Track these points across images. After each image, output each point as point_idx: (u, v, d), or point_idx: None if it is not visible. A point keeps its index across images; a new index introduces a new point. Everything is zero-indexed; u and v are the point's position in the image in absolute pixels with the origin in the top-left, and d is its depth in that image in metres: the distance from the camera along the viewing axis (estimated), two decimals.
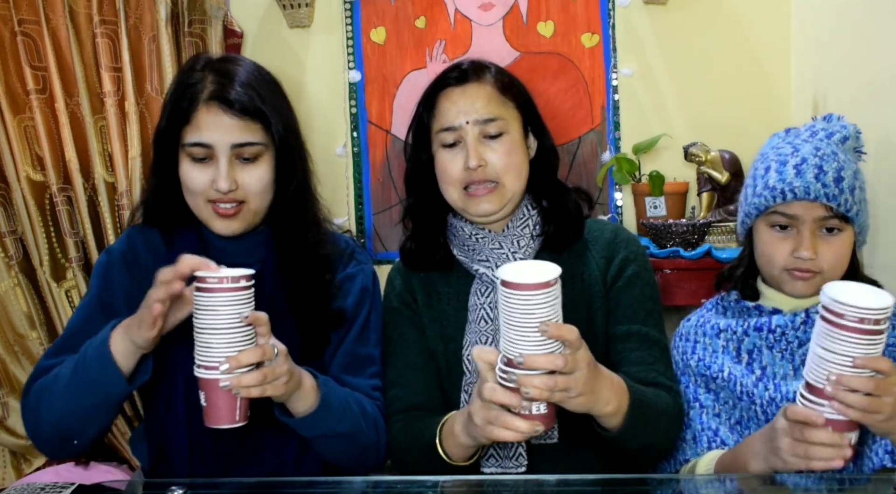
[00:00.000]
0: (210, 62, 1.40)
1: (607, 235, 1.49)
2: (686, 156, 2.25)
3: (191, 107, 1.34)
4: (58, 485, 1.25)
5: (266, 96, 1.37)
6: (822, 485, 1.22)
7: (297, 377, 1.24)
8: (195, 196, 1.37)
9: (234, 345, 1.15)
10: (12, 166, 2.23)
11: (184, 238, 1.43)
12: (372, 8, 2.44)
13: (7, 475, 2.31)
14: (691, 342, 1.45)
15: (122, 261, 1.44)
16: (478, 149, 1.41)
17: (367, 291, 1.50)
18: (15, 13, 2.20)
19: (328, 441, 1.34)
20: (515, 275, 1.08)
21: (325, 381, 1.32)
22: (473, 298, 1.44)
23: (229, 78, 1.35)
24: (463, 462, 1.30)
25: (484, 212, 1.43)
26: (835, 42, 2.02)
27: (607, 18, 2.38)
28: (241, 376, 1.14)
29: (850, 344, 1.07)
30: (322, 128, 2.46)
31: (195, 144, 1.34)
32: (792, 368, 1.34)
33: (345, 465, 1.42)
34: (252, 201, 1.38)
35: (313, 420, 1.29)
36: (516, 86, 1.49)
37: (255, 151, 1.36)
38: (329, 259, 1.45)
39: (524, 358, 1.08)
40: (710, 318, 1.46)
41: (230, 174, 1.34)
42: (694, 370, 1.42)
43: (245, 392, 1.15)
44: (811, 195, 1.29)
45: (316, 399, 1.28)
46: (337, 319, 1.44)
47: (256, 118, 1.35)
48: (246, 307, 1.16)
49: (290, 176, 1.41)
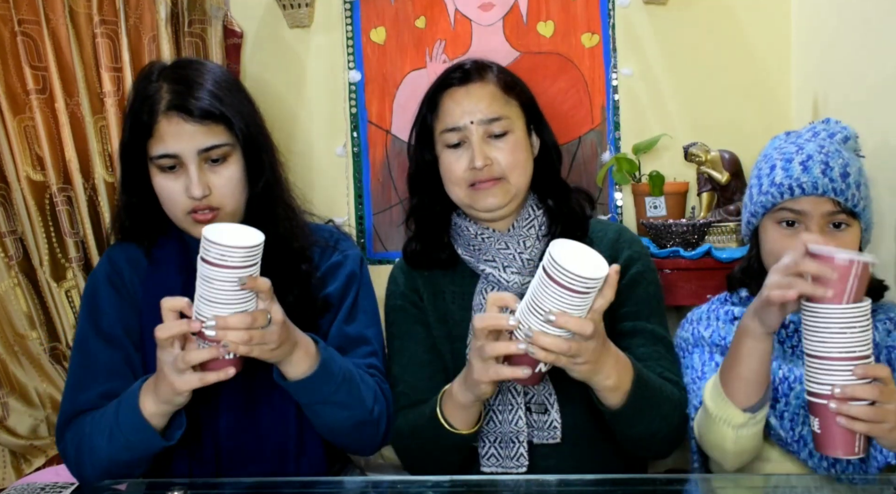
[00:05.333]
0: (164, 70, 1.40)
1: (611, 235, 1.49)
2: (686, 156, 2.25)
3: (151, 119, 1.34)
4: (58, 485, 1.25)
5: (224, 97, 1.37)
6: (825, 484, 1.22)
7: (291, 343, 1.25)
8: (174, 208, 1.38)
9: (229, 305, 1.16)
10: (12, 166, 2.23)
11: (164, 249, 1.45)
12: (372, 8, 2.44)
13: (7, 475, 2.31)
14: (704, 321, 1.46)
15: (107, 282, 1.44)
16: (483, 149, 1.41)
17: (355, 275, 1.50)
18: (15, 13, 2.19)
19: (327, 409, 1.33)
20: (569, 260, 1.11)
21: (325, 347, 1.33)
22: (478, 297, 1.45)
23: (186, 84, 1.36)
24: (466, 429, 1.30)
25: (490, 206, 1.43)
26: (835, 42, 2.02)
27: (607, 18, 2.38)
28: (227, 332, 1.15)
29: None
30: (322, 128, 2.46)
31: (162, 155, 1.35)
32: (803, 363, 1.34)
33: (344, 443, 1.42)
34: (226, 204, 1.38)
35: (310, 385, 1.29)
36: (519, 85, 1.49)
37: (222, 153, 1.37)
38: (304, 251, 1.45)
39: (556, 316, 1.10)
40: (718, 308, 1.47)
41: (202, 180, 1.35)
42: (707, 341, 1.42)
43: (233, 348, 1.17)
44: (819, 190, 1.30)
45: (313, 365, 1.29)
46: (323, 306, 1.44)
47: (218, 120, 1.35)
48: (248, 272, 1.16)
49: (259, 172, 1.41)
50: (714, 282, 1.92)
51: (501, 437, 1.37)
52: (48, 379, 2.31)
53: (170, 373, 1.18)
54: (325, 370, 1.30)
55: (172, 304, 1.19)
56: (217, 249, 1.14)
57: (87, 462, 1.31)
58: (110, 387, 1.36)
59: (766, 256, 1.39)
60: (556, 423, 1.38)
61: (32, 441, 2.30)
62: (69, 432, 1.35)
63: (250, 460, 1.40)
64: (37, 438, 2.31)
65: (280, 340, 1.21)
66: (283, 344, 1.23)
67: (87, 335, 1.41)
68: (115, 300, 1.43)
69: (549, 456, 1.39)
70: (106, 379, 1.37)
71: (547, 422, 1.38)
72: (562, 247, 1.13)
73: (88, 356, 1.40)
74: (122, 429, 1.25)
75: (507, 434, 1.37)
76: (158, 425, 1.26)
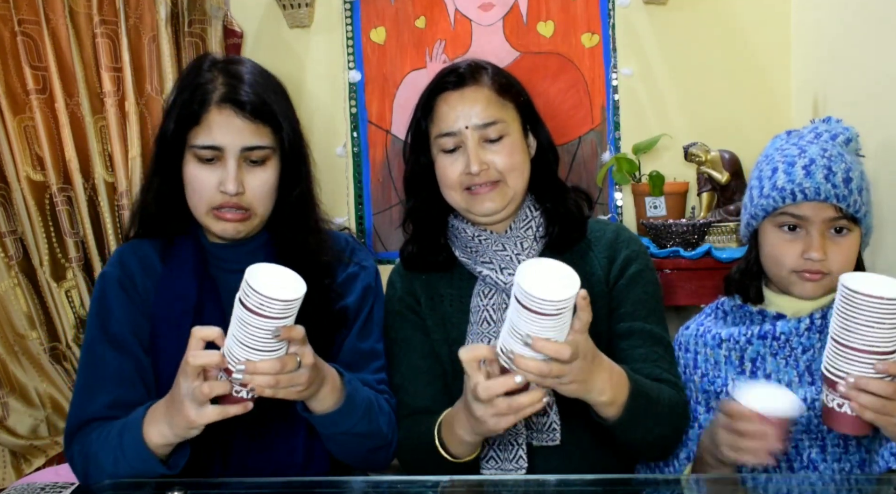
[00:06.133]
0: (217, 62, 1.38)
1: (609, 234, 1.48)
2: (686, 156, 2.25)
3: (202, 108, 1.32)
4: (58, 485, 1.25)
5: (275, 100, 1.36)
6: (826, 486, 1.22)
7: (319, 382, 1.22)
8: (200, 201, 1.35)
9: (261, 352, 1.12)
10: (12, 166, 2.23)
11: (180, 249, 1.41)
12: (372, 8, 2.44)
13: (7, 475, 2.31)
14: (692, 352, 1.44)
15: (117, 285, 1.40)
16: (479, 153, 1.40)
17: (371, 288, 1.49)
18: (15, 13, 2.20)
19: (346, 439, 1.33)
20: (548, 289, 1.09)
21: (350, 380, 1.31)
22: (476, 299, 1.44)
23: (240, 79, 1.34)
24: (465, 457, 1.30)
25: (487, 211, 1.43)
26: (835, 42, 2.02)
27: (607, 18, 2.38)
28: (255, 377, 1.12)
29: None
30: (322, 128, 2.46)
31: (206, 146, 1.32)
32: (797, 374, 1.33)
33: (355, 463, 1.42)
34: (256, 207, 1.36)
35: (335, 419, 1.28)
36: (514, 86, 1.48)
37: (264, 155, 1.35)
38: (330, 265, 1.44)
39: (533, 341, 1.09)
40: (709, 326, 1.45)
41: (238, 177, 1.32)
42: (697, 386, 1.41)
43: (259, 391, 1.13)
44: (821, 196, 1.29)
45: (339, 400, 1.27)
46: (339, 320, 1.43)
47: (267, 122, 1.34)
48: (285, 323, 1.12)
49: (294, 181, 1.40)
50: (714, 282, 1.92)
51: (500, 439, 1.37)
52: (48, 379, 2.31)
53: (188, 404, 1.14)
54: (350, 404, 1.29)
55: (205, 333, 1.14)
56: (257, 297, 1.08)
57: (93, 475, 1.30)
58: (117, 396, 1.34)
59: (765, 259, 1.39)
60: (555, 425, 1.37)
61: (32, 441, 2.30)
62: (76, 443, 1.34)
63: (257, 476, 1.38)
64: (37, 438, 2.31)
65: (309, 382, 1.19)
66: (312, 385, 1.21)
67: (94, 339, 1.39)
68: (125, 303, 1.39)
69: (549, 459, 1.39)
70: (113, 387, 1.35)
71: (546, 424, 1.38)
72: (530, 269, 1.11)
73: (96, 361, 1.37)
74: (127, 457, 1.24)
75: (506, 436, 1.36)
76: (163, 453, 1.24)
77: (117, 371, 1.36)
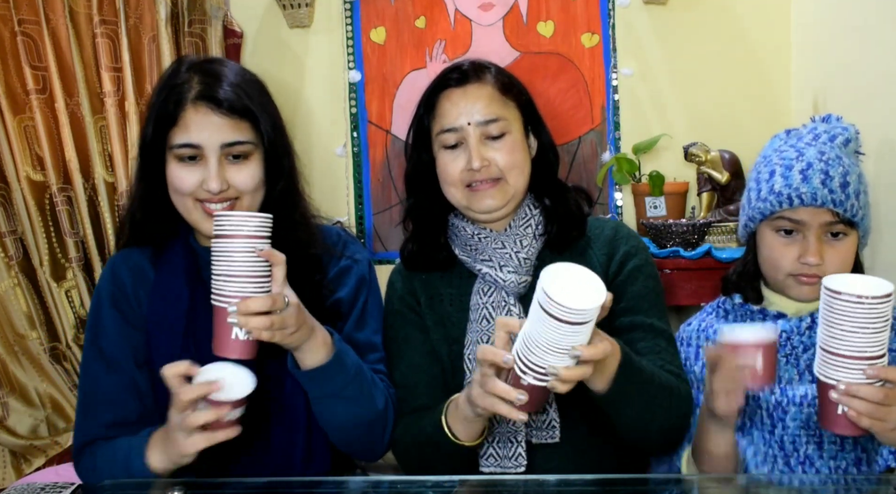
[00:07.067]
0: (195, 64, 1.38)
1: (608, 232, 1.49)
2: (686, 156, 2.25)
3: (178, 108, 1.31)
4: (58, 485, 1.25)
5: (253, 95, 1.35)
6: (826, 485, 1.22)
7: (309, 328, 1.26)
8: (183, 197, 1.34)
9: (247, 287, 1.18)
10: (12, 166, 2.23)
11: (171, 254, 1.42)
12: (372, 8, 2.44)
13: (7, 475, 2.32)
14: (693, 347, 1.44)
15: (109, 303, 1.42)
16: (480, 150, 1.41)
17: (364, 280, 1.49)
18: (15, 13, 2.20)
19: (337, 404, 1.33)
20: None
21: (340, 340, 1.33)
22: (475, 297, 1.44)
23: (216, 77, 1.34)
24: (469, 441, 1.30)
25: (488, 208, 1.43)
26: (835, 42, 2.02)
27: (607, 18, 2.38)
28: (250, 318, 1.16)
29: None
30: (322, 128, 2.46)
31: (183, 145, 1.31)
32: (797, 373, 1.33)
33: (352, 446, 1.41)
34: (245, 198, 1.36)
35: (323, 375, 1.29)
36: (516, 85, 1.49)
37: (245, 150, 1.34)
38: (320, 259, 1.44)
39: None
40: (711, 322, 1.45)
41: (220, 174, 1.31)
42: (697, 377, 1.41)
43: (256, 334, 1.17)
44: (818, 201, 1.28)
45: (328, 354, 1.29)
46: (333, 314, 1.43)
47: (245, 117, 1.33)
48: (263, 243, 1.18)
49: (278, 176, 1.39)
50: (714, 282, 1.90)
51: (500, 436, 1.37)
52: (48, 379, 2.31)
53: (179, 435, 1.19)
54: (339, 362, 1.30)
55: (175, 370, 1.18)
56: (230, 220, 1.17)
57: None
58: (114, 417, 1.37)
59: (762, 261, 1.38)
60: (554, 422, 1.37)
61: (32, 441, 2.30)
62: (84, 460, 1.38)
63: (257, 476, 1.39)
64: (37, 438, 2.31)
65: (297, 323, 1.22)
66: (301, 328, 1.23)
67: (90, 357, 1.42)
68: (117, 321, 1.41)
69: (549, 457, 1.39)
70: (107, 409, 1.38)
71: (545, 421, 1.38)
72: (553, 278, 1.10)
73: (90, 381, 1.41)
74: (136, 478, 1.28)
75: (506, 434, 1.37)
76: (167, 473, 1.27)
77: (110, 392, 1.39)
